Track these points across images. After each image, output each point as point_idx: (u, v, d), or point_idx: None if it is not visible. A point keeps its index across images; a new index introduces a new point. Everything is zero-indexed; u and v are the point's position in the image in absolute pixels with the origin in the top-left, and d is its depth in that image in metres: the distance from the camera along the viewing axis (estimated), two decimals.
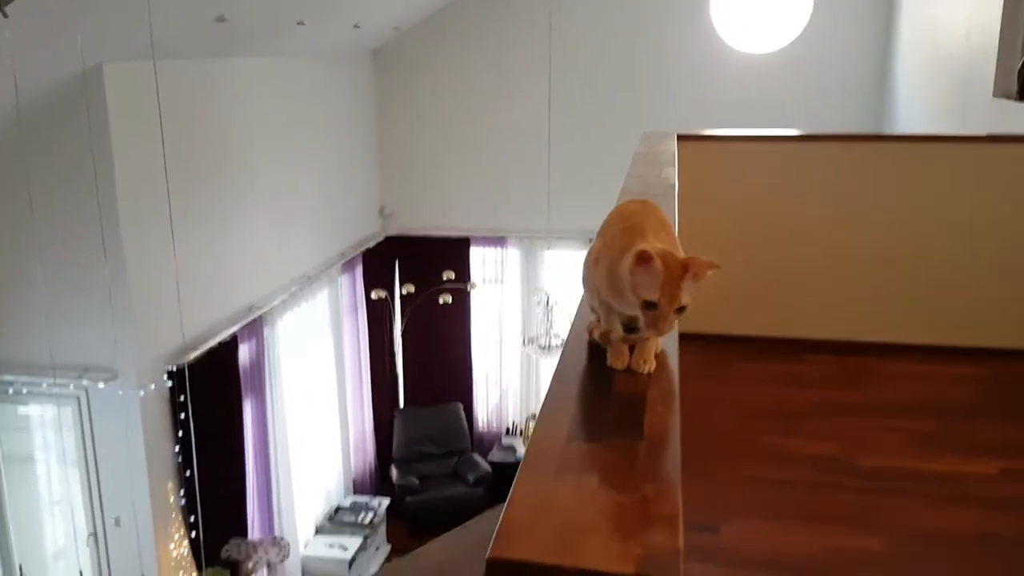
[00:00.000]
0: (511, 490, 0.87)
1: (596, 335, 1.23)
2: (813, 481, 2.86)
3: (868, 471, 2.91)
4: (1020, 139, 3.76)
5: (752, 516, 2.70)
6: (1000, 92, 4.56)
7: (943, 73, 5.58)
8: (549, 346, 7.01)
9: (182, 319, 4.93)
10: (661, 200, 2.44)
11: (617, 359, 1.16)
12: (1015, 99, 4.36)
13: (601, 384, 1.13)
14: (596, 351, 1.23)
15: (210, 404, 5.32)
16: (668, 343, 1.22)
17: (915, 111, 6.29)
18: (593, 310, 1.27)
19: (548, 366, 7.91)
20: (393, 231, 8.15)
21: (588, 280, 1.25)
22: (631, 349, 1.17)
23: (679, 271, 1.07)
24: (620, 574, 0.75)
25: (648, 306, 1.08)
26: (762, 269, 3.83)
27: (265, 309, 5.97)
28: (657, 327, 1.07)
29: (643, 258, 1.06)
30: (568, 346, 1.27)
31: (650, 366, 1.16)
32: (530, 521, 0.83)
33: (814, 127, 6.56)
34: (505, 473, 7.64)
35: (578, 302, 1.40)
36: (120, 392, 4.82)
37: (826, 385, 3.61)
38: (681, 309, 1.07)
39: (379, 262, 7.86)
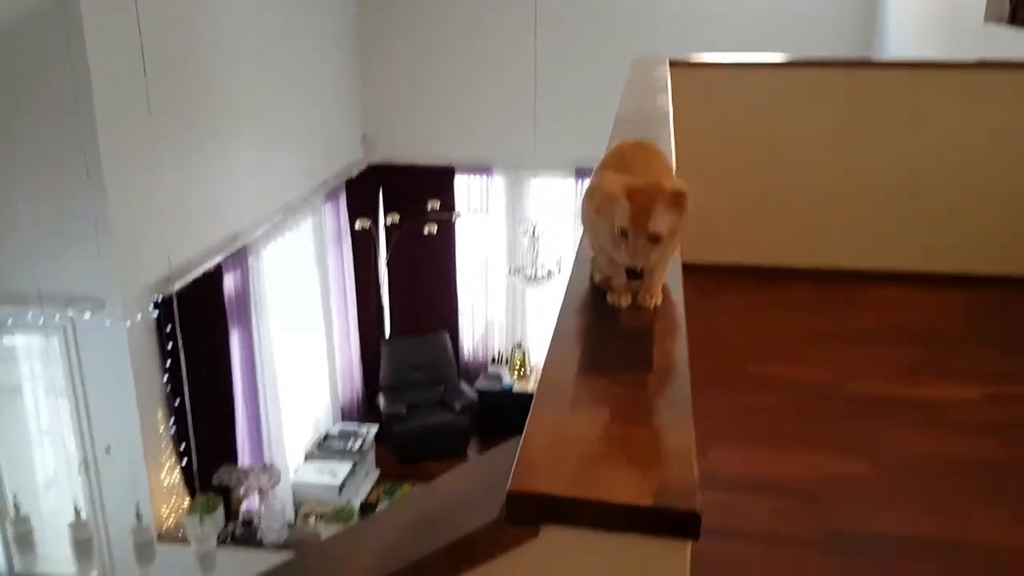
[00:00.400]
0: (527, 423, 0.86)
1: (597, 279, 1.22)
2: (800, 407, 2.90)
3: (855, 397, 2.95)
4: (1010, 65, 3.73)
5: (739, 442, 2.74)
6: (991, 17, 4.50)
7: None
8: (535, 276, 7.00)
9: (168, 249, 4.89)
10: (656, 129, 2.40)
11: (620, 297, 1.15)
12: (1007, 24, 4.31)
13: (607, 318, 1.12)
14: (599, 288, 1.22)
15: (197, 333, 5.31)
16: (672, 277, 1.21)
17: (904, 36, 6.21)
18: (593, 250, 1.25)
19: (534, 296, 7.93)
20: (376, 159, 8.03)
21: (588, 224, 1.23)
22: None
23: (647, 202, 1.06)
24: (639, 505, 0.75)
25: (622, 234, 1.07)
26: (750, 197, 3.81)
27: (250, 239, 5.91)
28: (632, 257, 1.07)
29: (595, 191, 1.07)
30: (571, 280, 1.25)
31: (656, 299, 1.15)
32: (548, 455, 0.83)
33: (802, 53, 6.46)
34: (491, 401, 7.73)
35: (574, 236, 1.38)
36: (107, 322, 4.79)
37: (813, 313, 3.64)
38: (655, 238, 1.06)
39: (363, 191, 7.77)
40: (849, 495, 2.40)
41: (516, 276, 7.17)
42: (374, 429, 7.28)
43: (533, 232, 7.15)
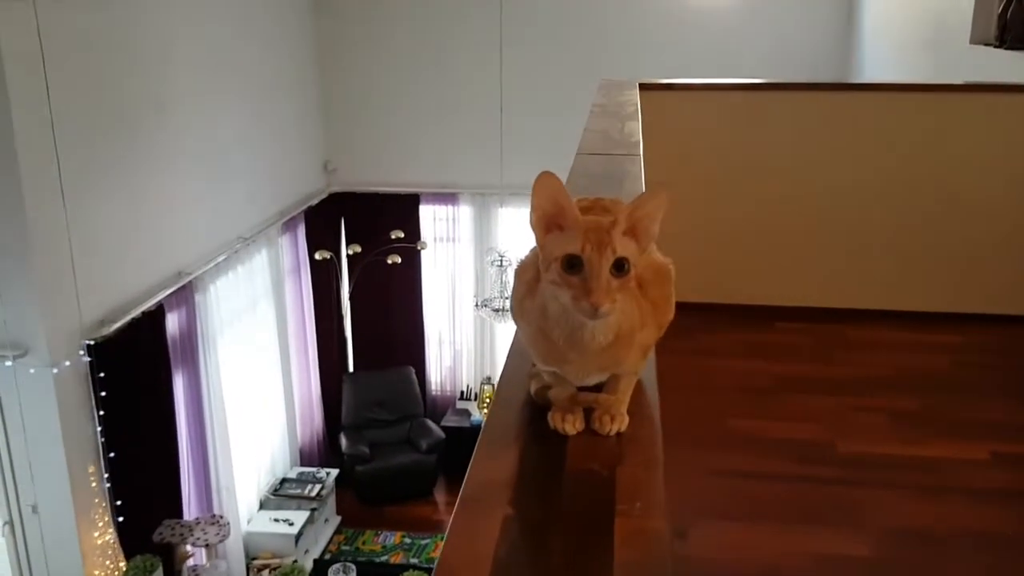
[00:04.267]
0: None
1: (533, 390, 0.89)
2: (788, 473, 2.59)
3: (848, 459, 2.65)
4: (1001, 88, 3.48)
5: (721, 517, 2.41)
6: (978, 39, 4.28)
7: (914, 20, 5.28)
8: (504, 308, 6.69)
9: (103, 288, 4.53)
10: (626, 161, 2.09)
11: (563, 420, 0.82)
12: (995, 45, 4.08)
13: (542, 460, 0.79)
14: (538, 404, 0.89)
15: (136, 378, 4.96)
16: (646, 379, 0.89)
17: (884, 60, 6.00)
18: (529, 343, 0.92)
19: (503, 329, 7.61)
20: (338, 187, 7.70)
21: (521, 299, 0.90)
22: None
23: (604, 221, 0.78)
24: None
25: (570, 266, 0.75)
26: (725, 230, 3.53)
27: (196, 274, 5.53)
28: (591, 295, 0.74)
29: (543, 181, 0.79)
30: (500, 391, 0.92)
31: (620, 422, 0.82)
32: None
33: (777, 78, 6.24)
34: (459, 439, 7.36)
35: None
36: (31, 370, 4.40)
37: (796, 358, 3.35)
38: (620, 264, 0.75)
39: (323, 221, 7.42)
40: None
41: (484, 309, 6.86)
42: (335, 472, 6.87)
43: (501, 262, 6.86)
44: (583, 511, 0.71)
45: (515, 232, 7.64)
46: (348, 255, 7.51)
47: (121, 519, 4.87)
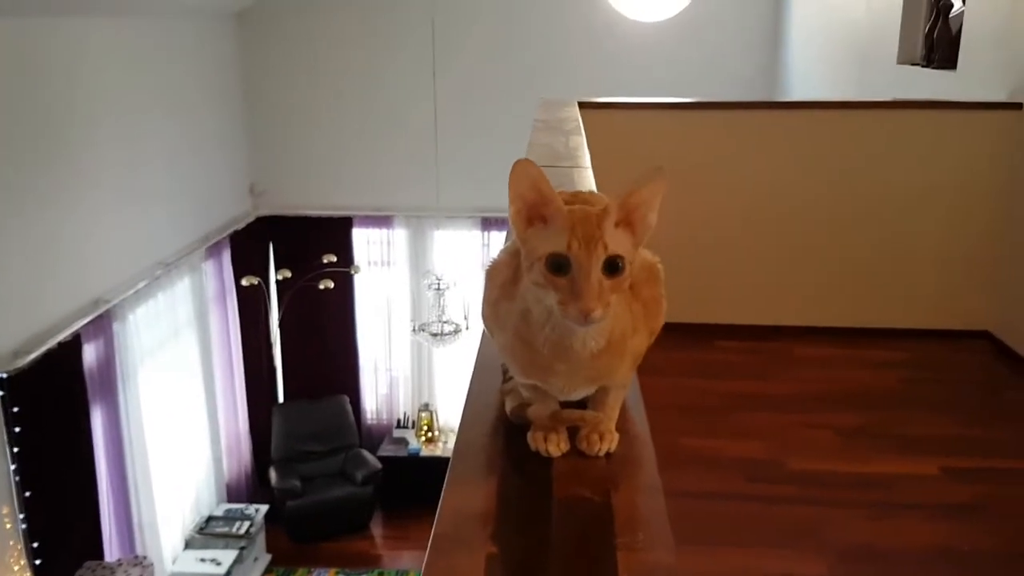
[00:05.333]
0: None
1: (510, 408, 0.78)
2: (740, 492, 2.53)
3: (799, 476, 2.60)
4: (935, 105, 3.54)
5: (676, 540, 2.33)
6: (905, 59, 4.38)
7: (840, 40, 5.40)
8: (442, 333, 6.55)
9: (11, 319, 4.24)
10: (574, 172, 2.02)
11: (546, 440, 0.72)
12: (922, 65, 4.17)
13: (522, 484, 0.68)
14: (516, 424, 0.78)
15: (51, 413, 4.69)
16: (629, 393, 0.79)
17: (811, 79, 6.11)
18: (504, 368, 0.81)
19: (441, 354, 7.47)
20: (265, 211, 7.46)
21: (492, 316, 0.79)
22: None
23: (593, 213, 0.67)
24: None
25: (556, 266, 0.65)
26: (665, 249, 3.46)
27: (114, 302, 5.25)
28: (580, 300, 0.64)
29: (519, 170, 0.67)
30: (467, 416, 0.81)
31: (609, 442, 0.72)
32: None
33: (710, 95, 6.31)
34: (396, 469, 7.17)
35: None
36: None
37: (742, 375, 3.31)
38: (613, 263, 0.65)
39: (250, 245, 7.17)
40: None
41: (421, 333, 6.71)
42: (264, 508, 6.58)
43: (438, 286, 6.72)
44: (578, 545, 0.61)
45: (452, 255, 7.53)
46: (277, 280, 7.27)
47: (39, 562, 4.57)
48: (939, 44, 3.89)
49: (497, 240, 7.46)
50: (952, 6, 3.89)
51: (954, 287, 3.44)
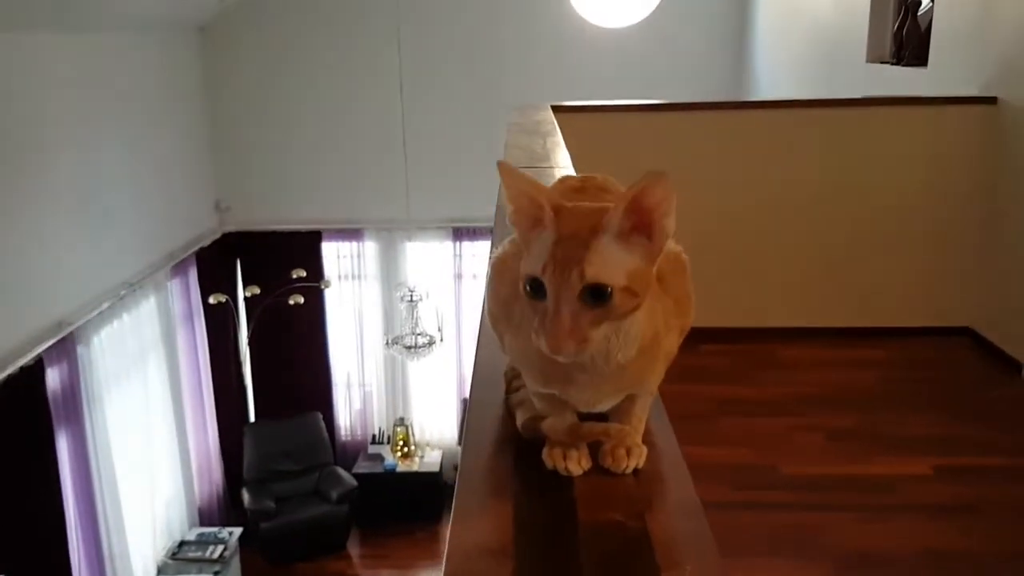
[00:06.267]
0: None
1: (519, 420, 0.69)
2: (735, 500, 2.46)
3: (793, 481, 2.54)
4: (909, 101, 3.52)
5: None
6: (874, 57, 4.37)
7: (808, 41, 5.39)
8: (416, 345, 6.45)
9: None
10: (555, 172, 1.94)
11: (565, 457, 0.63)
12: (891, 63, 4.16)
13: (553, 507, 0.60)
14: (529, 439, 0.69)
15: (14, 441, 4.50)
16: (652, 408, 0.70)
17: (779, 81, 6.11)
18: (508, 377, 0.73)
19: (415, 367, 7.35)
20: (232, 227, 7.31)
21: (503, 316, 0.70)
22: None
23: (587, 224, 0.58)
24: None
25: (533, 289, 0.58)
26: None
27: (77, 324, 5.08)
28: (550, 332, 0.56)
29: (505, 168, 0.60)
30: (471, 431, 0.72)
31: (638, 457, 0.63)
32: None
33: (677, 96, 6.28)
34: (372, 486, 7.02)
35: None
36: None
37: (729, 380, 3.26)
38: (600, 293, 0.56)
39: (217, 263, 7.01)
40: None
41: (394, 347, 6.59)
42: (238, 531, 6.41)
43: (411, 298, 6.62)
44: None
45: (424, 266, 7.42)
46: (246, 297, 7.10)
47: None
48: (908, 41, 3.88)
49: (469, 250, 7.37)
50: (920, 3, 3.88)
51: (934, 284, 3.42)
